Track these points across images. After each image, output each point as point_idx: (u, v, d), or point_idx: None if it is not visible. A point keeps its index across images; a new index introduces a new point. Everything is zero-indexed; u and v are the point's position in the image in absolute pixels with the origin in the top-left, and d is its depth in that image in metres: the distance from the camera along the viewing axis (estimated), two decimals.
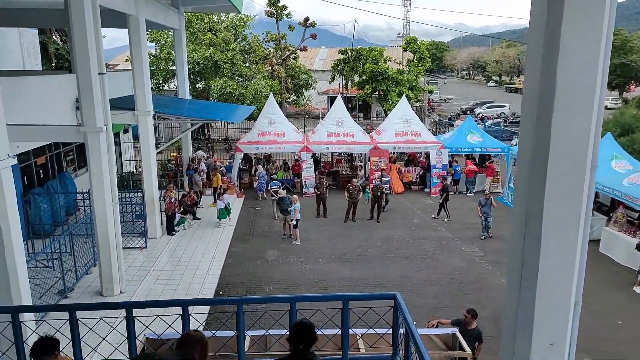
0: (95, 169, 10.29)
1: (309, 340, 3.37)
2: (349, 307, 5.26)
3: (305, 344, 3.34)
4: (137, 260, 13.14)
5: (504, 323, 2.77)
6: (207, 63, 28.27)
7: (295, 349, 3.36)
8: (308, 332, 3.39)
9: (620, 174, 14.85)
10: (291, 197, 15.57)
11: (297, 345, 3.34)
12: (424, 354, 4.26)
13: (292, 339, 3.39)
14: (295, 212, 14.97)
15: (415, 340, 4.49)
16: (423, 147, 21.00)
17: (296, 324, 3.53)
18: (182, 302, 5.47)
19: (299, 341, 3.34)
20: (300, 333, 3.38)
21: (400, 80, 33.53)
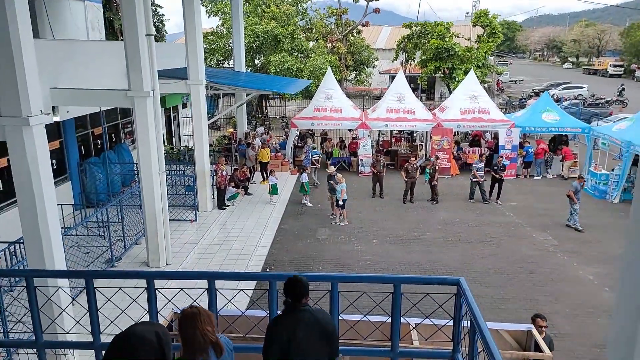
0: (142, 136, 9.94)
1: (295, 293, 3.43)
2: (401, 291, 4.40)
3: (292, 296, 3.43)
4: (186, 233, 12.88)
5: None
6: (267, 37, 27.72)
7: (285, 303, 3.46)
8: (296, 286, 3.45)
9: None
10: (337, 175, 14.64)
11: (286, 298, 3.45)
12: (494, 353, 3.33)
13: (284, 293, 3.48)
14: (342, 192, 14.05)
15: (484, 336, 3.55)
16: (491, 125, 19.34)
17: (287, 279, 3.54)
18: (208, 274, 4.85)
19: (287, 294, 3.45)
20: (288, 286, 3.46)
21: (468, 57, 31.42)
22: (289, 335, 3.33)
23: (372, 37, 49.92)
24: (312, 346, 3.43)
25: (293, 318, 3.41)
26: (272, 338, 3.38)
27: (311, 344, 3.42)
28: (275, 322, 3.49)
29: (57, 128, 13.77)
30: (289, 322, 3.40)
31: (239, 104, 18.91)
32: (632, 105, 38.44)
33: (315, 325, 3.44)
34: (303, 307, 3.44)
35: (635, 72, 67.95)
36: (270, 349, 3.37)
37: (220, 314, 4.62)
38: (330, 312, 4.47)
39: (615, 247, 12.70)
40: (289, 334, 3.33)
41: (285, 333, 3.34)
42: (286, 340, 3.33)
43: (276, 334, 3.37)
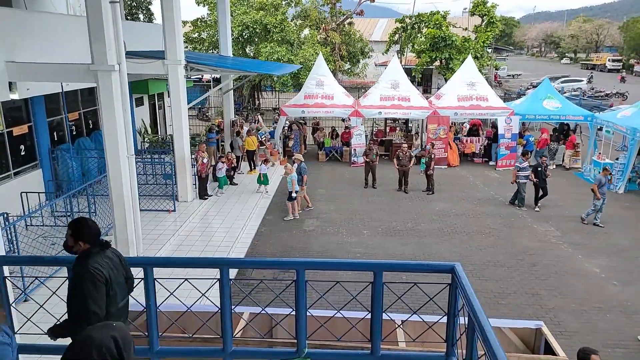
0: (107, 115, 9.04)
1: (99, 234, 3.52)
2: (383, 280, 3.54)
3: (98, 237, 3.50)
4: (163, 224, 11.98)
5: None
6: (256, 27, 26.80)
7: (99, 244, 3.53)
8: (96, 226, 3.53)
9: None
10: (287, 165, 13.36)
11: (95, 240, 3.52)
12: (499, 356, 2.49)
13: (91, 237, 3.50)
14: (293, 182, 12.78)
15: (486, 335, 2.69)
16: (490, 113, 18.48)
17: (80, 221, 3.54)
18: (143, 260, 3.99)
19: (96, 236, 3.52)
20: (94, 228, 3.50)
21: (466, 47, 30.50)
22: (109, 275, 3.38)
23: (368, 29, 48.99)
24: (121, 285, 3.57)
25: (107, 258, 3.47)
26: (95, 282, 3.29)
27: (121, 283, 3.56)
28: (94, 262, 3.38)
29: (26, 112, 12.85)
30: (105, 262, 3.42)
31: (225, 92, 17.98)
32: (632, 98, 37.58)
33: (119, 265, 3.59)
34: (108, 247, 3.55)
35: (635, 66, 67.26)
36: (97, 293, 3.30)
37: (162, 309, 3.75)
38: (296, 307, 3.61)
39: (622, 239, 11.89)
40: (108, 273, 3.38)
41: (104, 273, 3.35)
42: (108, 281, 3.38)
43: (100, 276, 3.32)
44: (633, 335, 7.98)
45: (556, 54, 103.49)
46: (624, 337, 7.97)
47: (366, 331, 3.71)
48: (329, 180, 16.95)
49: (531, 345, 4.31)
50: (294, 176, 12.93)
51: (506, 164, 18.28)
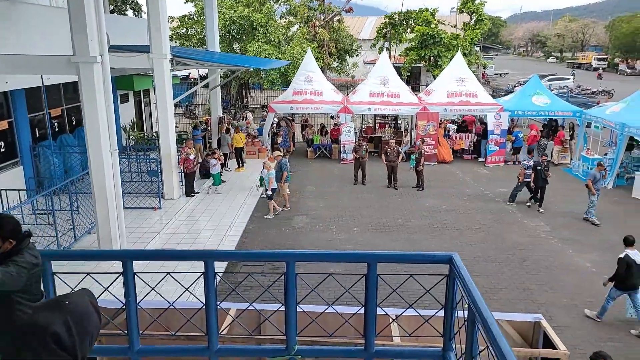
0: (89, 109, 8.75)
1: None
2: (377, 272, 3.36)
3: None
4: (148, 222, 11.69)
5: None
6: (243, 23, 26.47)
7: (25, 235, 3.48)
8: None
9: None
10: (265, 161, 13.15)
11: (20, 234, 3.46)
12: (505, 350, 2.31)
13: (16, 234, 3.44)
14: (270, 180, 12.53)
15: (489, 329, 2.52)
16: (479, 109, 18.42)
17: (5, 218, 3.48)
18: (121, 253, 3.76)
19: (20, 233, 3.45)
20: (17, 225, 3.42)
21: (454, 44, 30.51)
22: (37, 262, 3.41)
23: (357, 27, 48.85)
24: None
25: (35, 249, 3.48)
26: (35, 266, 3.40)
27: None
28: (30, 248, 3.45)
29: (6, 107, 12.46)
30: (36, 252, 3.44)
31: (212, 87, 17.70)
32: (618, 96, 37.96)
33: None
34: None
35: (619, 65, 68.10)
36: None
37: (143, 306, 3.53)
38: (286, 301, 3.42)
39: (612, 234, 11.85)
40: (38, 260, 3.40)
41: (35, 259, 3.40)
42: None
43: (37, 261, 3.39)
44: (625, 330, 7.91)
45: (542, 53, 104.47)
46: (615, 331, 7.90)
47: (359, 326, 3.53)
48: (318, 177, 16.76)
49: (529, 339, 4.16)
50: (271, 173, 12.68)
51: (495, 160, 18.27)
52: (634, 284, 7.78)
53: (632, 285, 7.81)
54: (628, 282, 7.81)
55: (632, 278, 7.77)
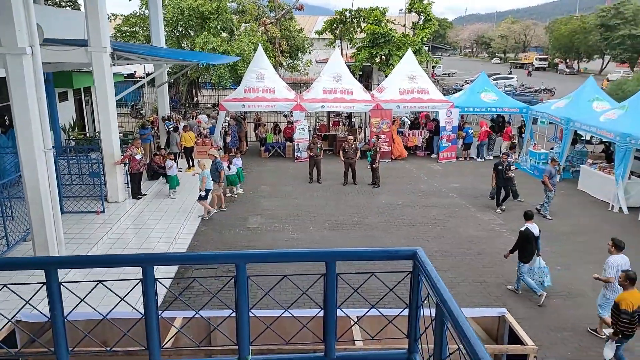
0: (19, 105, 8.01)
1: None
2: (336, 272, 3.07)
3: None
4: (90, 226, 10.92)
5: None
6: (192, 14, 25.50)
7: None
8: None
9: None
10: (200, 161, 12.88)
11: None
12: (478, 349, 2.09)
13: None
14: (204, 180, 12.06)
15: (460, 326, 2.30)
16: (431, 106, 18.61)
17: None
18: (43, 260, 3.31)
19: None
20: None
21: (404, 43, 30.87)
22: None
23: (307, 26, 48.61)
24: None
25: None
26: None
27: None
28: None
29: None
30: None
31: (159, 84, 16.93)
32: (559, 94, 39.75)
33: None
34: None
35: (559, 65, 71.46)
36: None
37: (71, 319, 3.08)
38: (237, 307, 3.08)
39: (562, 226, 12.18)
40: None
41: None
42: None
43: None
44: (579, 318, 8.04)
45: (487, 54, 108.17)
46: (570, 320, 8.01)
47: (319, 331, 3.24)
48: (273, 176, 16.38)
49: (494, 335, 4.01)
50: (206, 173, 12.19)
51: (448, 157, 18.50)
52: (530, 255, 8.60)
53: (530, 256, 8.60)
54: (527, 253, 8.58)
55: (531, 248, 8.58)
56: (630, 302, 6.21)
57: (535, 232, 8.60)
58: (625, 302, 6.23)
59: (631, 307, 6.17)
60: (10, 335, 3.81)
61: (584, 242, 11.14)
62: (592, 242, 10.95)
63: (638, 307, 6.20)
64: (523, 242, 8.57)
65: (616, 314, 6.31)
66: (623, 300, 6.24)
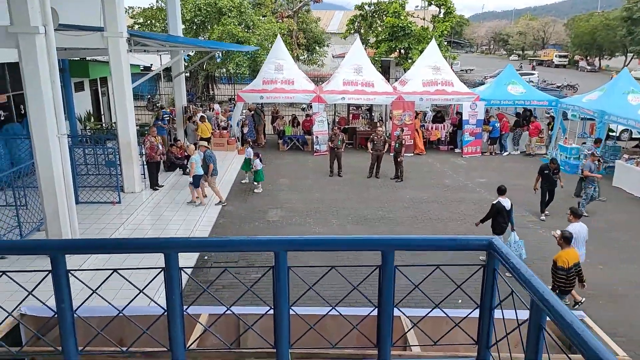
0: (31, 87, 7.62)
1: None
2: (394, 264, 2.56)
3: None
4: (105, 217, 10.55)
5: None
6: (210, 10, 25.15)
7: None
8: None
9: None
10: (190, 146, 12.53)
11: None
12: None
13: None
14: (192, 165, 11.53)
15: (575, 333, 1.78)
16: (456, 98, 17.95)
17: None
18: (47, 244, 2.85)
19: None
20: None
21: (424, 36, 30.16)
22: None
23: (324, 21, 48.13)
24: None
25: None
26: None
27: None
28: None
29: None
30: None
31: (175, 75, 16.55)
32: (582, 90, 38.75)
33: None
34: None
35: (579, 62, 69.87)
36: None
37: (82, 314, 2.62)
38: (275, 303, 2.58)
39: (601, 223, 11.49)
40: None
41: None
42: None
43: None
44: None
45: (505, 51, 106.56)
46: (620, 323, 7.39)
47: (370, 333, 2.73)
48: (292, 169, 15.90)
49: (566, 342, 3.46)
50: (195, 158, 11.60)
51: (472, 151, 17.85)
52: (502, 227, 9.08)
53: (501, 229, 9.06)
54: (498, 226, 9.08)
55: (501, 221, 9.07)
56: (565, 259, 6.78)
57: (507, 206, 9.08)
58: (561, 260, 6.80)
59: (567, 264, 6.75)
60: (15, 331, 3.38)
61: (622, 240, 10.50)
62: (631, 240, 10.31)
63: (573, 264, 6.80)
64: (495, 215, 9.08)
65: (554, 271, 6.93)
66: (559, 258, 6.83)
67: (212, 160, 11.91)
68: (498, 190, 9.42)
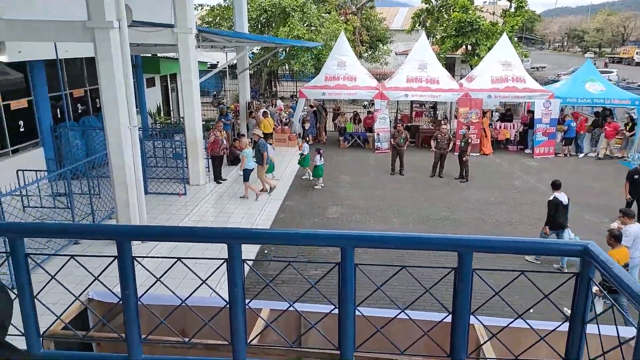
0: (105, 79, 7.93)
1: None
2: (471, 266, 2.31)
3: None
4: (171, 208, 10.88)
5: None
6: (274, 10, 25.51)
7: None
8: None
9: None
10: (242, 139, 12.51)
11: None
12: None
13: None
14: (243, 159, 11.64)
15: None
16: (527, 95, 17.01)
17: None
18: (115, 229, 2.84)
19: None
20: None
21: (494, 32, 28.92)
22: None
23: (388, 18, 47.45)
24: None
25: None
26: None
27: None
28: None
29: (26, 85, 11.86)
30: None
31: (240, 70, 16.84)
32: None
33: None
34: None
35: None
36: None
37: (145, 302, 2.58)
38: (340, 302, 2.41)
39: None
40: None
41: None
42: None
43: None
44: None
45: (580, 48, 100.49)
46: None
47: (443, 342, 2.50)
48: (352, 166, 15.71)
49: None
50: (245, 152, 11.67)
51: (544, 152, 16.85)
52: (562, 223, 8.70)
53: (559, 225, 8.69)
54: (557, 222, 8.71)
55: (559, 217, 8.69)
56: (616, 259, 6.19)
57: (564, 201, 8.68)
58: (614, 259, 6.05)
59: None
60: (82, 315, 3.44)
61: None
62: None
63: (624, 264, 6.41)
64: (553, 211, 8.69)
65: None
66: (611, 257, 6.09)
67: (265, 149, 12.09)
68: (552, 184, 9.01)
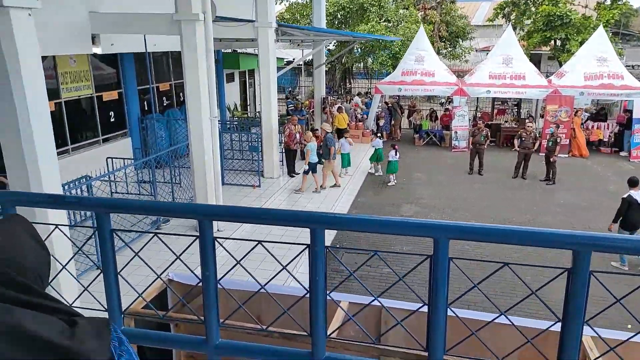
0: (190, 70, 8.18)
1: None
2: (589, 268, 1.98)
3: None
4: (246, 199, 11.07)
5: None
6: (352, 7, 25.42)
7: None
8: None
9: None
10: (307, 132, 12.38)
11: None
12: None
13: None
14: (307, 153, 11.60)
15: None
16: (625, 93, 15.57)
17: None
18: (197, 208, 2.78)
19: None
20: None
21: (586, 26, 26.84)
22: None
23: (469, 12, 45.67)
24: None
25: None
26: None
27: None
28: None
29: (117, 78, 12.60)
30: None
31: (316, 65, 16.87)
32: None
33: None
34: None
35: None
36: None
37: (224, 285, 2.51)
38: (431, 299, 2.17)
39: None
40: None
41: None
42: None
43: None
44: None
45: None
46: None
47: (550, 353, 2.20)
48: (428, 165, 15.21)
49: None
50: (311, 146, 11.55)
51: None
52: (635, 223, 8.28)
53: (632, 225, 8.29)
54: (629, 221, 8.29)
55: (633, 216, 8.27)
56: None
57: (639, 199, 8.27)
58: None
59: None
60: (162, 296, 3.47)
61: None
62: None
63: None
64: (626, 210, 8.31)
65: None
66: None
67: (332, 144, 12.01)
68: (629, 181, 8.55)
